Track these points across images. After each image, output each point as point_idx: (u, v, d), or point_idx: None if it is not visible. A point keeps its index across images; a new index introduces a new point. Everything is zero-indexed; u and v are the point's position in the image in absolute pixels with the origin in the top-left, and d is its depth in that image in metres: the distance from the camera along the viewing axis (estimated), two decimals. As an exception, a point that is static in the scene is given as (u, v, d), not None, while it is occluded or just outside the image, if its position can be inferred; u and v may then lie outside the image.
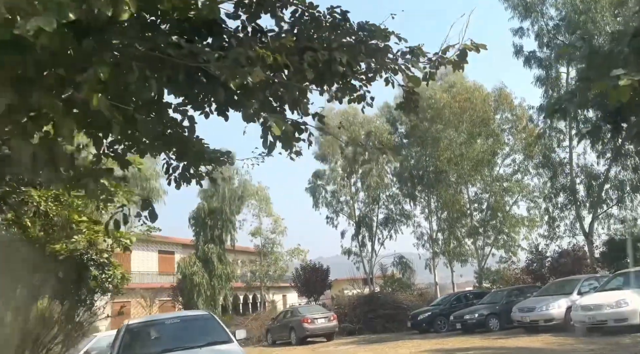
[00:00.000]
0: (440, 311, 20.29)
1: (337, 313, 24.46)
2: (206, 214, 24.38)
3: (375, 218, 32.82)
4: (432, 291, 30.68)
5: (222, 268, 23.90)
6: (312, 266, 30.83)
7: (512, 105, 27.29)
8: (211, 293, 23.56)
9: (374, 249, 32.31)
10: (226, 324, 23.22)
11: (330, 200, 32.34)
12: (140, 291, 29.12)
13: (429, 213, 31.89)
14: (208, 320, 7.88)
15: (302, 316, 20.41)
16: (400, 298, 26.10)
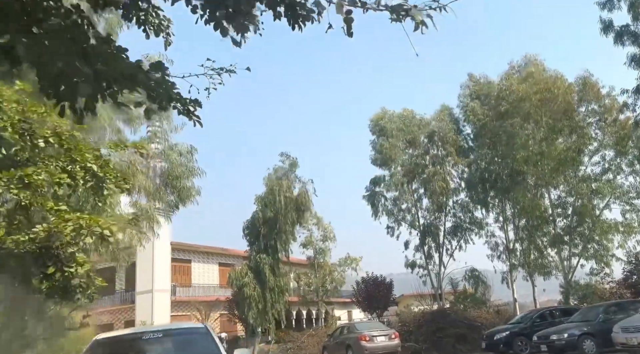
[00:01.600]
0: (521, 330, 17.36)
1: (400, 331, 22.08)
2: (260, 223, 22.94)
3: (442, 227, 30.01)
4: (511, 309, 27.35)
5: (274, 280, 22.23)
6: (373, 279, 28.50)
7: (600, 95, 23.85)
8: (263, 306, 21.93)
9: (441, 261, 29.45)
10: (280, 340, 21.47)
11: (390, 208, 29.99)
12: (196, 304, 28.20)
13: (504, 221, 28.70)
14: (200, 336, 6.10)
15: (360, 333, 18.22)
16: (474, 315, 23.24)
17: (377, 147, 29.60)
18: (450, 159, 29.26)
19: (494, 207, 29.39)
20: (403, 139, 29.72)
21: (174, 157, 14.87)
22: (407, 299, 37.31)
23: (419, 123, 29.62)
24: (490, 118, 26.52)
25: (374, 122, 29.98)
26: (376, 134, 29.90)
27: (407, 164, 29.60)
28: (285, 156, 25.61)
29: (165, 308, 31.30)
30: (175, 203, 15.97)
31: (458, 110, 29.81)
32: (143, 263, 31.95)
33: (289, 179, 24.78)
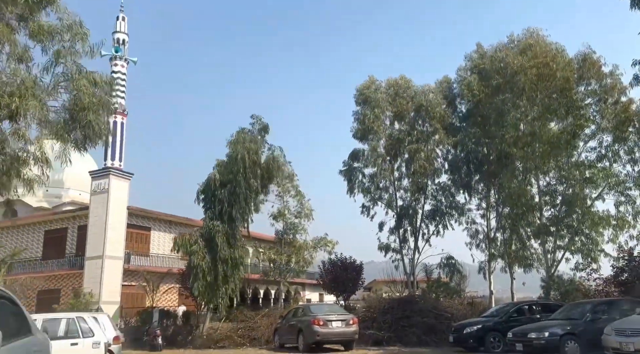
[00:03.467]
0: (495, 325, 15.29)
1: (364, 317, 20.03)
2: (217, 186, 20.48)
3: (421, 210, 27.87)
4: (487, 302, 25.43)
5: (229, 251, 19.88)
6: (342, 260, 26.33)
7: (601, 73, 21.64)
8: (213, 279, 19.60)
9: (417, 246, 27.35)
10: (234, 319, 19.11)
11: (367, 186, 27.69)
12: (143, 274, 25.86)
13: (487, 207, 26.62)
14: None
15: (313, 317, 16.02)
16: (445, 305, 21.19)
17: (359, 118, 27.20)
18: (437, 137, 26.98)
19: (478, 192, 27.31)
20: (389, 111, 27.32)
21: (82, 83, 12.20)
22: (379, 285, 35.39)
23: (413, 96, 27.08)
24: (486, 95, 24.23)
25: (359, 91, 27.51)
26: (360, 104, 27.46)
27: (390, 139, 27.26)
28: (256, 118, 23.06)
29: (117, 276, 28.94)
30: (81, 142, 13.33)
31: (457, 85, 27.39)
32: (95, 227, 29.50)
33: (256, 143, 22.28)
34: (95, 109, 11.86)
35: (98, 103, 12.33)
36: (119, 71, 31.90)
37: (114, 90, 12.90)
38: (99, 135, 12.33)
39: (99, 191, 30.01)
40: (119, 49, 32.25)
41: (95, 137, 12.22)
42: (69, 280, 30.21)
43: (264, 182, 23.03)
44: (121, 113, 31.44)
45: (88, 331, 10.34)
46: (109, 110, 13.04)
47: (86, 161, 36.68)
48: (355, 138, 27.49)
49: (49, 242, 32.28)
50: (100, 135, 12.39)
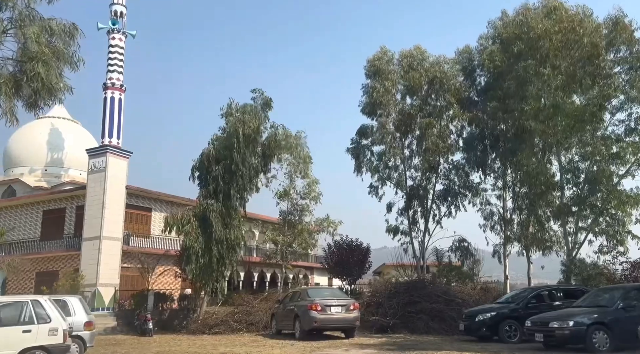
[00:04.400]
0: (511, 312, 13.78)
1: (370, 302, 18.66)
2: (212, 161, 19.11)
3: (432, 190, 26.30)
4: (501, 288, 23.93)
5: (225, 232, 18.56)
6: (347, 243, 24.95)
7: (633, 39, 19.67)
8: (207, 261, 18.34)
9: (427, 228, 25.85)
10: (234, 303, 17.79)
11: (376, 164, 26.14)
12: (138, 255, 24.75)
13: (504, 187, 24.97)
14: None
15: (310, 301, 14.66)
16: (456, 290, 19.71)
17: (368, 91, 25.52)
18: (451, 112, 25.26)
19: (493, 171, 25.63)
20: (401, 84, 25.58)
21: (33, 31, 10.60)
22: (388, 269, 34.02)
23: (429, 68, 25.24)
24: (507, 65, 22.40)
25: (370, 63, 25.76)
26: (370, 77, 25.74)
27: (400, 114, 25.59)
28: (258, 93, 21.45)
29: (115, 257, 27.84)
30: (31, 99, 11.77)
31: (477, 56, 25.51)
32: (92, 207, 28.41)
33: (257, 118, 20.74)
34: (46, 60, 10.39)
35: (52, 54, 10.85)
36: (117, 45, 30.49)
37: (75, 39, 11.26)
38: (50, 91, 10.84)
39: (96, 169, 28.84)
40: (117, 22, 30.78)
41: (46, 93, 10.75)
42: (67, 261, 29.26)
43: (266, 160, 21.54)
44: (119, 89, 30.17)
45: (44, 316, 9.07)
46: (70, 64, 11.46)
47: (88, 139, 35.68)
48: (364, 113, 25.91)
49: (47, 223, 31.32)
50: (52, 92, 10.90)
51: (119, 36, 30.72)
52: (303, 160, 25.31)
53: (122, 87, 30.37)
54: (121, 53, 30.71)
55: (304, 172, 25.30)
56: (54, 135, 35.38)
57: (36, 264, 30.22)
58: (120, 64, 30.61)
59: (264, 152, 21.12)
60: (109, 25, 30.62)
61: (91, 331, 11.64)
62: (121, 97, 30.37)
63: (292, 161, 25.38)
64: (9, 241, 31.55)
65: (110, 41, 30.50)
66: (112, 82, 30.01)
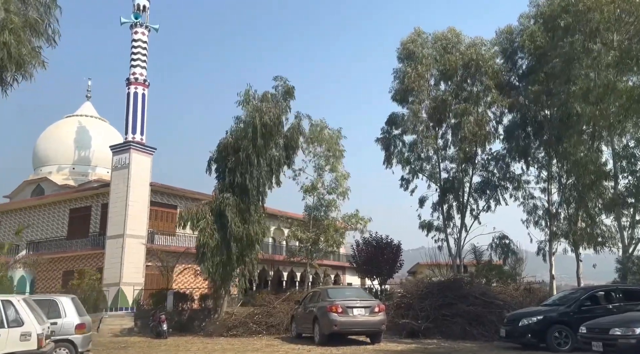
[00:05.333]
0: (560, 316, 11.91)
1: (399, 304, 17.06)
2: (229, 152, 17.92)
3: (469, 183, 24.36)
4: (546, 289, 21.84)
5: (243, 227, 17.31)
6: (377, 240, 23.34)
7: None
8: (224, 259, 17.15)
9: (463, 224, 23.93)
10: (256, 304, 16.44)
11: (407, 155, 24.41)
12: (157, 253, 23.89)
13: (549, 178, 22.81)
14: None
15: (330, 302, 13.20)
16: (496, 291, 17.84)
17: (399, 76, 23.81)
18: (489, 98, 23.28)
19: (537, 161, 23.50)
20: (435, 69, 23.75)
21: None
22: (422, 269, 32.21)
23: (465, 51, 23.30)
24: (551, 46, 20.35)
25: (403, 45, 24.02)
26: (402, 60, 24.01)
27: (434, 101, 23.76)
28: (280, 80, 20.06)
29: (139, 256, 27.19)
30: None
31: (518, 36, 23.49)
32: (116, 204, 27.87)
33: (278, 108, 19.41)
34: (15, 29, 9.28)
35: (23, 22, 9.72)
36: (139, 39, 29.98)
37: (53, 11, 10.08)
38: (19, 64, 9.67)
39: (119, 166, 28.33)
40: (139, 16, 30.26)
41: (14, 65, 9.62)
42: (92, 260, 28.83)
43: (288, 152, 20.20)
44: (142, 84, 29.62)
45: (16, 319, 7.97)
46: (45, 36, 10.21)
47: (115, 137, 35.38)
48: (395, 100, 24.22)
49: (74, 221, 31.08)
50: (20, 63, 9.73)
51: (142, 30, 30.17)
52: (333, 154, 23.81)
53: (145, 82, 29.81)
54: (144, 47, 30.17)
55: (333, 165, 23.77)
56: (81, 134, 35.26)
57: (63, 263, 29.99)
58: (144, 59, 30.08)
59: (286, 143, 19.78)
60: (131, 19, 30.12)
61: (83, 334, 10.54)
62: (144, 92, 29.81)
63: (321, 154, 23.94)
64: (36, 240, 31.53)
65: (133, 36, 30.01)
66: (135, 77, 29.48)
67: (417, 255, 38.06)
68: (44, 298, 11.09)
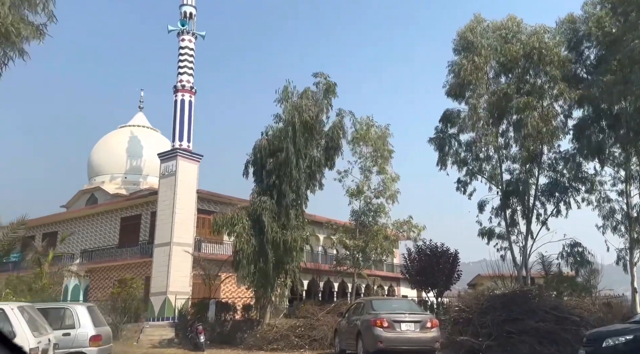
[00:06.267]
0: (655, 337, 9.75)
1: (457, 319, 15.20)
2: (265, 154, 16.87)
3: (534, 185, 22.01)
4: (629, 303, 19.14)
5: (281, 233, 16.13)
6: (432, 248, 21.46)
7: None
8: (261, 266, 16.00)
9: (529, 230, 21.57)
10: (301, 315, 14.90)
11: (464, 156, 22.44)
12: (199, 261, 23.14)
13: (627, 179, 20.20)
14: None
15: (374, 315, 11.65)
16: (570, 305, 15.57)
17: (455, 70, 21.98)
18: (555, 90, 21.00)
19: (613, 160, 20.91)
20: (495, 60, 21.77)
21: None
22: (484, 281, 29.75)
23: (527, 41, 21.20)
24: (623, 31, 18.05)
25: (460, 35, 22.22)
26: (459, 52, 22.19)
27: (493, 95, 21.75)
28: (320, 77, 18.87)
29: (186, 264, 26.60)
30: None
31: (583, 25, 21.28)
32: (164, 212, 27.56)
33: (318, 105, 18.21)
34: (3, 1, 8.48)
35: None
36: (187, 46, 29.83)
37: None
38: (7, 36, 8.84)
39: (167, 174, 28.09)
40: (185, 23, 30.15)
41: (2, 38, 8.79)
42: (141, 268, 28.64)
43: (330, 153, 18.90)
44: (189, 91, 29.36)
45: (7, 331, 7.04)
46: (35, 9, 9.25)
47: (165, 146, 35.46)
48: (450, 95, 22.36)
49: (125, 229, 31.15)
50: (9, 37, 8.89)
51: (189, 37, 30.03)
52: (381, 154, 22.25)
53: (192, 89, 29.55)
54: (191, 54, 29.98)
55: (380, 166, 22.19)
56: (133, 143, 35.63)
57: (115, 271, 30.03)
58: (190, 66, 29.87)
59: (327, 143, 18.50)
60: (178, 27, 30.08)
61: (99, 346, 9.59)
62: (191, 99, 29.53)
63: (368, 154, 22.47)
64: (90, 249, 31.88)
65: (180, 43, 29.93)
66: (182, 84, 29.29)
67: (478, 268, 35.77)
68: (56, 307, 10.31)
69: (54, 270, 20.16)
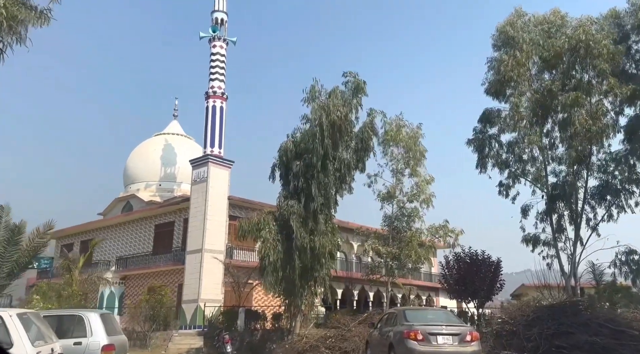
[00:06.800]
0: None
1: (500, 331, 14.04)
2: (291, 156, 16.19)
3: (583, 188, 20.47)
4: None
5: (309, 238, 15.37)
6: (471, 255, 20.20)
7: None
8: (289, 274, 15.26)
9: (578, 237, 20.00)
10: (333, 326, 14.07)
11: (505, 157, 21.14)
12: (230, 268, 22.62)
13: (688, 179, 18.42)
14: None
15: (407, 327, 10.67)
16: (627, 318, 14.11)
17: (495, 66, 20.78)
18: (604, 85, 19.51)
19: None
20: (537, 55, 20.47)
21: None
22: (528, 291, 28.05)
23: (572, 34, 19.83)
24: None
25: (500, 30, 21.05)
26: (499, 48, 21.02)
27: (536, 93, 20.43)
28: (349, 76, 18.12)
29: (218, 271, 26.18)
30: None
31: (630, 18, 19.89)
32: (195, 218, 27.33)
33: (347, 105, 17.45)
34: None
35: None
36: (218, 53, 29.74)
37: None
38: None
39: (198, 180, 27.92)
40: (216, 29, 30.08)
41: None
42: (174, 276, 28.47)
43: (360, 155, 18.07)
44: (220, 97, 29.20)
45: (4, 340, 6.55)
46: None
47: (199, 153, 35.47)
48: (489, 94, 21.17)
49: (158, 236, 31.13)
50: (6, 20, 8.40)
51: (220, 43, 29.95)
52: (413, 156, 21.20)
53: (223, 95, 29.38)
54: (222, 60, 29.88)
55: (413, 168, 21.14)
56: (168, 151, 35.77)
57: (149, 279, 29.97)
58: (222, 72, 29.75)
59: (357, 145, 17.69)
60: (209, 33, 30.04)
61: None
62: (223, 105, 29.34)
63: (399, 156, 21.47)
64: (125, 256, 32.02)
65: (211, 49, 29.88)
66: (213, 90, 29.16)
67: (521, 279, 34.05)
68: (68, 314, 9.85)
69: (83, 277, 20.06)
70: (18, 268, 14.08)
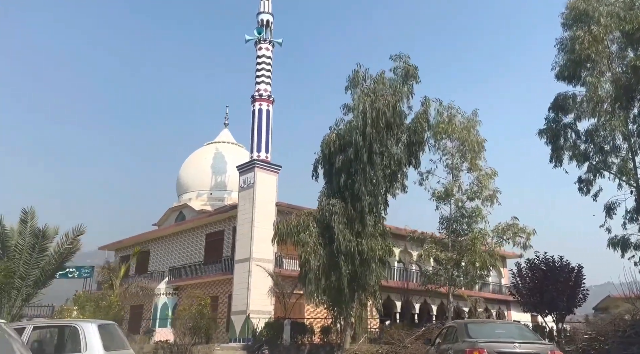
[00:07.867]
0: None
1: (587, 349, 11.62)
2: (334, 150, 14.50)
3: (682, 181, 17.27)
4: None
5: (355, 241, 13.55)
6: (547, 261, 17.45)
7: None
8: (333, 280, 13.48)
9: (678, 238, 16.83)
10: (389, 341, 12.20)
11: (584, 148, 18.33)
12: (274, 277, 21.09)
13: None
14: None
15: (470, 344, 8.59)
16: None
17: (566, 47, 18.14)
18: None
19: None
20: (619, 29, 17.66)
21: None
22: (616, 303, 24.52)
23: None
24: None
25: (571, 7, 18.42)
26: (569, 27, 18.39)
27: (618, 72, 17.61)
28: (399, 59, 16.21)
29: (266, 281, 24.79)
30: None
31: None
32: (243, 226, 26.24)
33: (396, 94, 15.57)
34: None
35: None
36: (264, 55, 28.81)
37: None
38: None
39: (245, 186, 26.88)
40: (261, 31, 29.20)
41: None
42: (224, 286, 27.46)
43: (412, 149, 16.06)
44: (266, 100, 28.14)
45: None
46: None
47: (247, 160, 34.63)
48: (561, 78, 18.44)
49: (209, 246, 30.37)
50: None
51: (266, 45, 29.01)
52: (470, 148, 18.78)
53: (269, 98, 28.31)
54: (268, 63, 28.90)
55: (471, 162, 18.73)
56: (218, 159, 35.25)
57: (200, 289, 29.10)
58: (268, 75, 28.76)
59: (410, 138, 15.71)
60: (255, 35, 29.18)
61: (109, 373, 7.65)
62: (269, 109, 28.26)
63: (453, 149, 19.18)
64: (178, 266, 31.47)
65: (257, 51, 29.01)
66: (259, 93, 28.18)
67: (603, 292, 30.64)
68: (60, 325, 8.59)
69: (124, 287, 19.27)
70: (45, 276, 13.23)
